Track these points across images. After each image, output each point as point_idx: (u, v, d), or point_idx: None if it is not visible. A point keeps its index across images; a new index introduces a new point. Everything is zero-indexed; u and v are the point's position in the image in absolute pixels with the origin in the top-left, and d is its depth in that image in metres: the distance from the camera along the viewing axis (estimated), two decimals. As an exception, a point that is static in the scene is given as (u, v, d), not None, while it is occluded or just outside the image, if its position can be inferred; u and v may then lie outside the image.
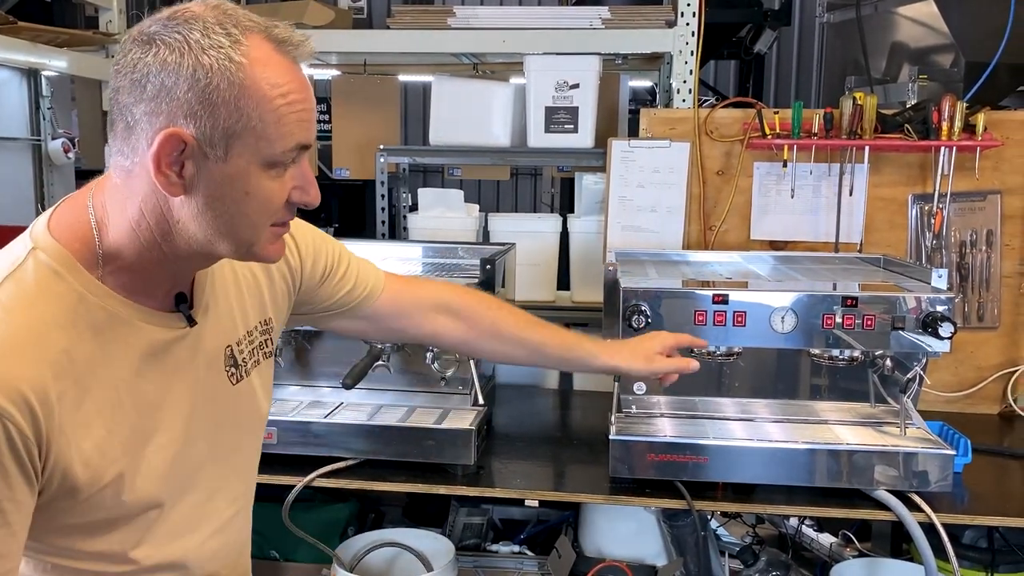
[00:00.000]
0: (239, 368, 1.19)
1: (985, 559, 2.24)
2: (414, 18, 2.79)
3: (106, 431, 1.01)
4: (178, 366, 1.10)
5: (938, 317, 1.83)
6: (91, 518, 1.03)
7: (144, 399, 1.06)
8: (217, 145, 0.96)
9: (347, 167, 3.55)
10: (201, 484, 1.15)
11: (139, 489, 1.05)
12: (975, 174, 2.44)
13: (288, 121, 0.98)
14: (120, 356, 1.03)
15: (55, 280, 0.99)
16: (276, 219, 1.05)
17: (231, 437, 1.20)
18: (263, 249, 1.06)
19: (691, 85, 2.64)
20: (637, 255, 2.42)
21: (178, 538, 1.12)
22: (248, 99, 0.96)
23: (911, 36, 3.05)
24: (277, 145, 0.98)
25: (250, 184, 0.99)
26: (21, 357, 0.93)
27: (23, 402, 0.92)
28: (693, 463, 1.91)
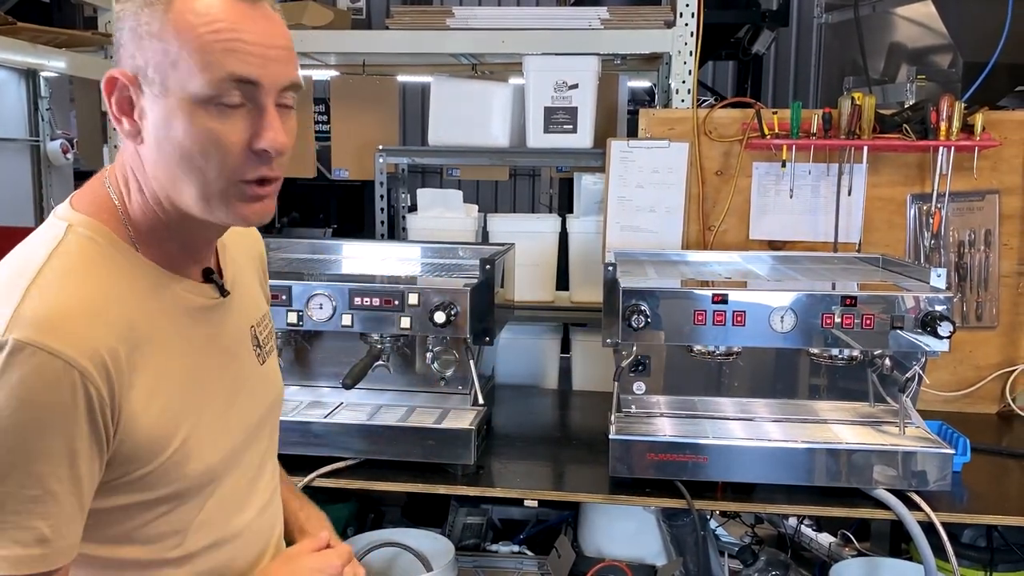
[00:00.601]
0: (261, 348, 1.20)
1: (984, 558, 2.24)
2: (413, 18, 2.80)
3: (167, 397, 1.00)
4: (215, 335, 1.10)
5: (937, 316, 1.83)
6: (156, 494, 1.00)
7: (196, 366, 1.05)
8: (152, 81, 0.95)
9: (346, 168, 3.55)
10: (247, 461, 1.14)
11: (202, 459, 1.04)
12: (973, 174, 2.45)
13: (214, 50, 0.93)
14: (167, 322, 1.03)
15: (98, 251, 0.99)
16: (238, 172, 0.97)
17: (267, 416, 1.21)
18: (232, 209, 0.99)
19: (690, 85, 2.64)
20: (636, 255, 2.43)
21: (231, 517, 1.11)
22: (172, 30, 0.94)
23: (909, 36, 3.06)
24: (204, 75, 0.93)
25: (189, 121, 0.94)
26: (92, 320, 0.93)
27: (100, 363, 0.91)
28: (693, 463, 1.91)
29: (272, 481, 1.24)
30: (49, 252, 0.96)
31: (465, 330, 2.01)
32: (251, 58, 0.95)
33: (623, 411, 2.09)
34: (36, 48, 2.81)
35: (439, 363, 2.15)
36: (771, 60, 7.14)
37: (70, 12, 4.51)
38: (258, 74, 0.96)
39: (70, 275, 0.95)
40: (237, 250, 1.21)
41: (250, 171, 0.98)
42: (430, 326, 1.97)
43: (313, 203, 5.95)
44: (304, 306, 2.00)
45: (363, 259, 2.58)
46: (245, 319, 1.18)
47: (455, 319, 1.97)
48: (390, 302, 2.00)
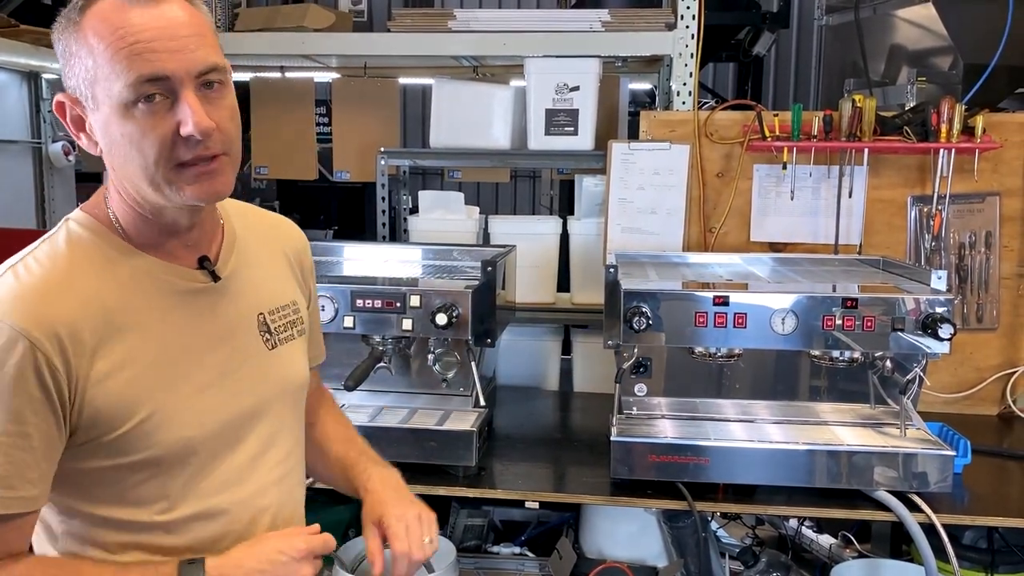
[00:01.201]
0: (272, 335, 1.25)
1: (985, 560, 2.24)
2: (414, 21, 2.80)
3: (136, 370, 1.09)
4: (206, 318, 1.17)
5: (937, 318, 1.83)
6: (130, 458, 1.09)
7: (173, 343, 1.13)
8: (87, 97, 1.05)
9: (347, 170, 3.55)
10: (248, 441, 1.20)
11: (177, 431, 1.11)
12: (974, 176, 2.45)
13: (121, 57, 1.01)
14: (146, 303, 1.12)
15: (84, 239, 1.12)
16: (173, 157, 1.05)
17: (276, 399, 1.25)
18: (180, 190, 1.07)
19: (691, 87, 2.64)
20: (637, 257, 2.43)
21: (224, 491, 1.17)
22: (85, 49, 1.03)
23: (909, 38, 3.06)
24: (120, 81, 1.01)
25: (120, 125, 1.04)
26: (56, 297, 1.05)
27: (55, 336, 1.02)
28: (694, 464, 1.92)
29: (284, 463, 1.27)
30: (40, 243, 1.12)
31: (467, 332, 2.01)
32: (154, 55, 1.02)
33: (624, 413, 2.10)
34: (38, 50, 2.81)
35: (440, 365, 2.16)
36: (771, 62, 7.15)
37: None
38: (165, 69, 1.03)
39: (49, 260, 1.09)
40: (257, 242, 1.29)
41: (184, 154, 1.05)
42: (432, 328, 1.97)
43: (314, 205, 5.96)
44: (306, 308, 2.01)
45: (364, 261, 2.58)
46: (249, 305, 1.23)
47: (457, 321, 1.98)
48: (392, 304, 2.01)
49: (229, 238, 1.24)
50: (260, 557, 1.14)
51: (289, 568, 1.15)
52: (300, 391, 1.33)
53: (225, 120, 1.08)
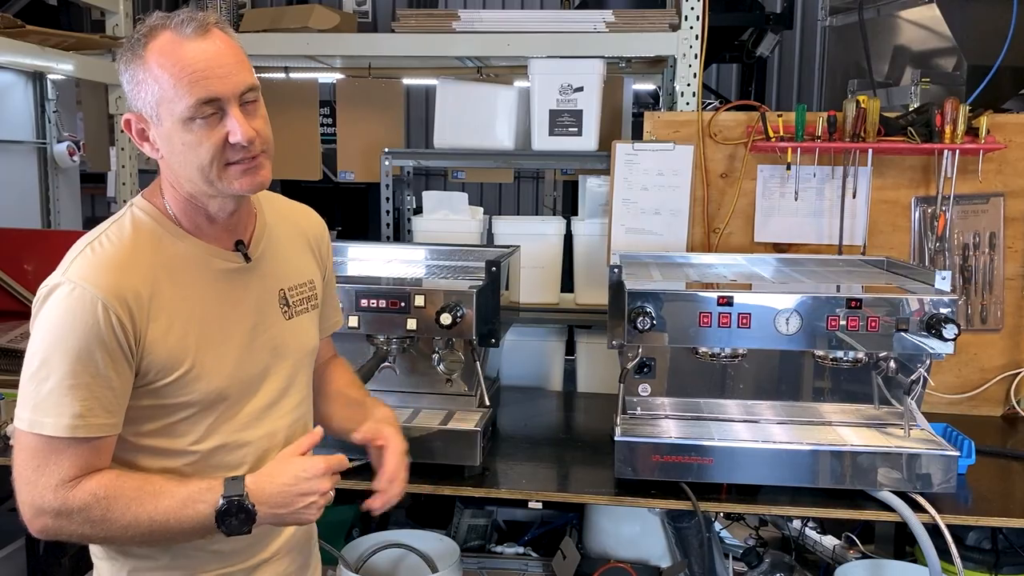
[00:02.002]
0: (290, 308, 1.51)
1: (989, 560, 2.24)
2: (419, 22, 2.81)
3: (183, 331, 1.35)
4: (239, 291, 1.43)
5: (942, 319, 1.83)
6: (175, 399, 1.35)
7: (212, 311, 1.39)
8: (151, 116, 1.31)
9: (351, 170, 3.56)
10: (263, 393, 1.45)
11: (212, 381, 1.37)
12: (978, 177, 2.45)
13: (183, 84, 1.27)
14: (193, 278, 1.38)
15: (145, 223, 1.37)
16: (223, 158, 1.31)
17: (287, 360, 1.50)
18: (230, 184, 1.33)
19: (695, 88, 2.65)
20: (641, 257, 2.43)
21: (243, 430, 1.43)
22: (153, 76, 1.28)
23: (913, 39, 3.07)
24: (180, 104, 1.28)
25: (181, 138, 1.30)
26: (124, 270, 1.31)
27: (124, 301, 1.28)
28: (698, 464, 1.92)
29: (294, 411, 1.51)
30: (112, 223, 1.37)
31: (471, 332, 2.02)
32: (208, 82, 1.28)
33: (628, 413, 2.10)
34: (44, 51, 2.82)
35: (445, 365, 2.16)
36: (775, 63, 7.15)
37: (78, 15, 4.53)
38: (216, 92, 1.29)
39: (118, 240, 1.34)
40: (284, 228, 1.54)
41: (232, 156, 1.32)
42: (436, 328, 1.98)
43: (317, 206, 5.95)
44: (311, 308, 2.01)
45: (369, 261, 2.59)
46: (274, 282, 1.49)
47: (461, 321, 1.98)
48: (396, 304, 2.01)
49: (260, 225, 1.49)
50: (288, 472, 1.38)
51: (312, 483, 1.37)
52: (310, 355, 1.57)
53: (261, 126, 1.35)
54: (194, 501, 1.31)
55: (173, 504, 1.31)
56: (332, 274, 1.69)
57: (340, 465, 1.43)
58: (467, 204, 3.00)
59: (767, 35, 4.59)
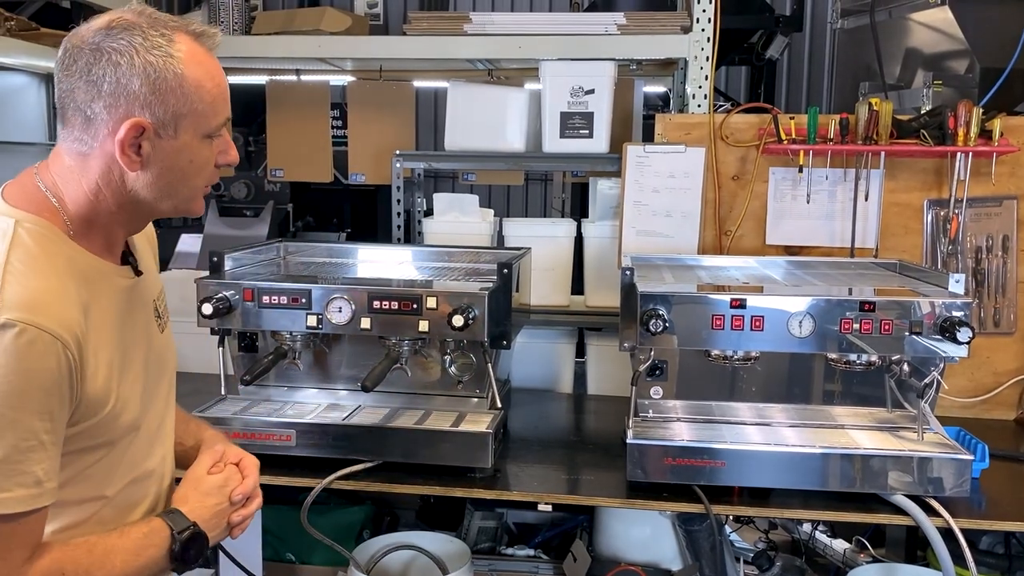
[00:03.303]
0: (161, 318, 1.43)
1: (1002, 565, 2.24)
2: (430, 24, 2.81)
3: (107, 363, 1.23)
4: (135, 310, 1.34)
5: (956, 322, 1.83)
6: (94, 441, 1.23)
7: (123, 337, 1.28)
8: (168, 126, 1.20)
9: (362, 172, 3.56)
10: (154, 413, 1.37)
11: (128, 412, 1.27)
12: (991, 180, 2.44)
13: (219, 101, 1.24)
14: (105, 301, 1.25)
15: (50, 243, 1.20)
16: (208, 180, 1.30)
17: (167, 376, 1.44)
18: (197, 203, 1.30)
19: (706, 90, 2.64)
20: (652, 260, 2.43)
21: (145, 459, 1.35)
22: (189, 86, 1.20)
23: (925, 42, 3.05)
24: (213, 120, 1.24)
25: (193, 154, 1.24)
26: (63, 301, 1.15)
27: (74, 336, 1.14)
28: (710, 467, 1.91)
29: (171, 432, 1.46)
30: (8, 245, 1.15)
31: (482, 334, 2.02)
32: (228, 104, 1.27)
33: (640, 415, 2.10)
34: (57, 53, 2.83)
35: (456, 367, 2.16)
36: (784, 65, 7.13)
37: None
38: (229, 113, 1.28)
39: (33, 263, 1.15)
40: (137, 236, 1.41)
41: (214, 179, 1.31)
42: (448, 330, 1.98)
43: (327, 208, 5.97)
44: (323, 309, 2.02)
45: (380, 263, 2.59)
46: (148, 294, 1.40)
47: (473, 323, 1.98)
48: (408, 306, 2.01)
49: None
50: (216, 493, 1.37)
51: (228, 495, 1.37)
52: (176, 366, 1.50)
53: None
54: (145, 547, 1.25)
55: (128, 558, 1.23)
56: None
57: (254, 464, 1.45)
58: (478, 206, 3.00)
59: (777, 37, 4.57)
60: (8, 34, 2.61)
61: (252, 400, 2.19)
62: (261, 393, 2.22)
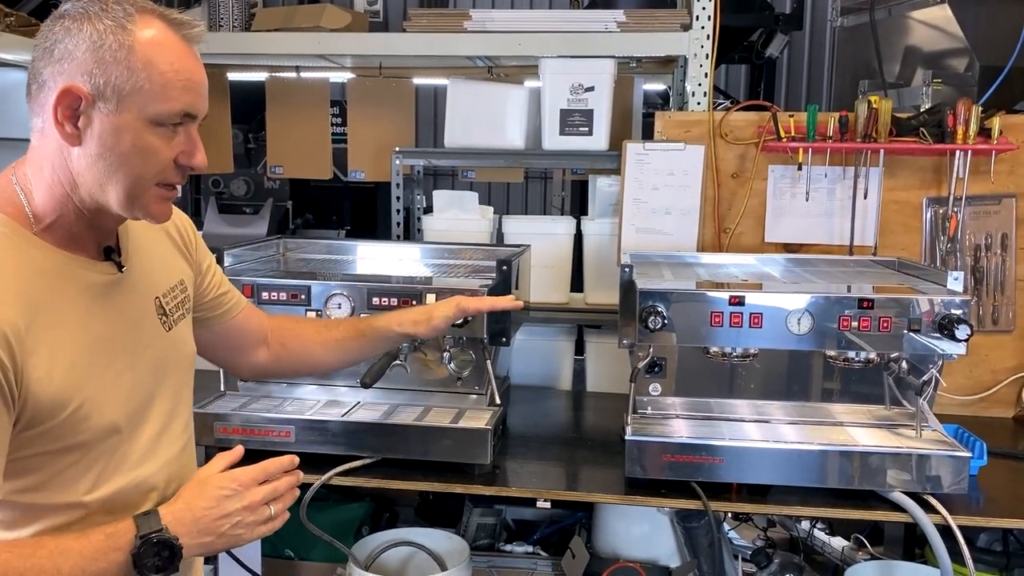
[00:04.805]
0: (168, 317, 1.37)
1: (1000, 562, 2.24)
2: (430, 21, 2.81)
3: (69, 363, 1.16)
4: (119, 307, 1.27)
5: (954, 319, 1.83)
6: (62, 443, 1.17)
7: (96, 335, 1.21)
8: (109, 100, 1.13)
9: (362, 169, 3.57)
10: (152, 419, 1.31)
11: (104, 416, 1.20)
12: (990, 178, 2.44)
13: (174, 88, 1.15)
14: (68, 299, 1.19)
15: (3, 239, 1.15)
16: (161, 178, 1.19)
17: (173, 378, 1.37)
18: (149, 205, 1.20)
19: (706, 88, 2.65)
20: (651, 257, 2.43)
21: (138, 467, 1.27)
22: (139, 61, 1.13)
23: (925, 40, 3.06)
24: (163, 106, 1.14)
25: (136, 137, 1.14)
26: None
27: (3, 337, 1.08)
28: (708, 464, 1.92)
29: (182, 436, 1.39)
30: None
31: (482, 331, 2.02)
32: (195, 95, 1.18)
33: (639, 412, 2.10)
34: (57, 49, 2.83)
35: (456, 363, 2.17)
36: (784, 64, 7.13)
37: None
38: (197, 108, 1.19)
39: None
40: (143, 229, 1.36)
41: (171, 178, 1.20)
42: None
43: (326, 205, 5.97)
44: (323, 306, 2.02)
45: (380, 260, 2.59)
46: (147, 291, 1.33)
47: (472, 320, 1.98)
48: (408, 302, 2.02)
49: (123, 230, 1.31)
50: (206, 496, 1.23)
51: (234, 501, 1.23)
52: (192, 367, 1.46)
53: None
54: (105, 551, 1.13)
55: (80, 562, 1.11)
56: (214, 263, 1.56)
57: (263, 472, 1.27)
58: (477, 203, 3.00)
59: (776, 36, 4.57)
60: (8, 30, 2.61)
61: (251, 396, 2.20)
62: (260, 389, 2.22)
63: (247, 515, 1.23)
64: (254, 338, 1.69)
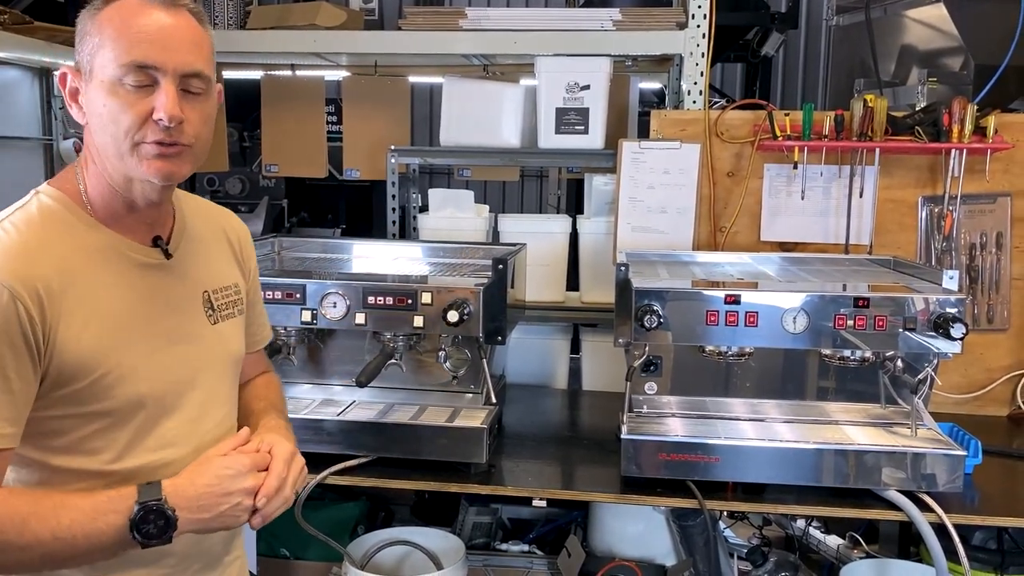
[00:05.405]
0: (215, 312, 1.40)
1: (995, 560, 2.24)
2: (426, 20, 2.81)
3: (100, 330, 1.22)
4: (158, 290, 1.31)
5: (950, 318, 1.83)
6: (88, 408, 1.22)
7: (132, 311, 1.27)
8: (85, 71, 1.21)
9: (357, 168, 3.56)
10: (188, 405, 1.34)
11: (130, 384, 1.25)
12: (985, 176, 2.45)
13: (123, 42, 1.18)
14: (108, 272, 1.26)
15: (55, 210, 1.25)
16: (139, 137, 1.20)
17: (214, 370, 1.40)
18: (139, 165, 1.22)
19: (701, 87, 2.65)
20: (647, 256, 2.43)
21: (168, 447, 1.30)
22: (97, 27, 1.20)
23: (920, 39, 3.06)
24: (116, 62, 1.18)
25: (105, 98, 1.19)
26: (34, 258, 1.19)
27: (34, 291, 1.16)
28: (704, 463, 1.92)
29: (220, 426, 1.40)
30: (15, 210, 1.25)
31: (477, 329, 2.02)
32: (149, 47, 1.19)
33: (634, 411, 2.10)
34: (52, 47, 2.82)
35: (451, 362, 2.16)
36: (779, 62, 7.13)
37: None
38: (154, 60, 1.19)
39: (24, 227, 1.22)
40: (205, 228, 1.44)
41: (149, 134, 1.20)
42: (443, 325, 1.98)
43: (321, 203, 5.96)
44: (318, 304, 2.02)
45: (375, 259, 2.59)
46: (196, 283, 1.38)
47: (468, 319, 1.98)
48: (403, 301, 2.01)
49: (180, 224, 1.38)
50: (209, 474, 1.24)
51: (235, 482, 1.24)
52: (236, 364, 1.46)
53: (196, 119, 1.24)
54: (104, 512, 1.15)
55: (80, 517, 1.14)
56: (257, 282, 1.58)
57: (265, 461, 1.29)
58: (473, 202, 3.00)
59: (772, 34, 4.57)
60: (1, 28, 2.60)
61: (247, 395, 2.19)
62: (256, 388, 2.21)
63: (246, 499, 1.25)
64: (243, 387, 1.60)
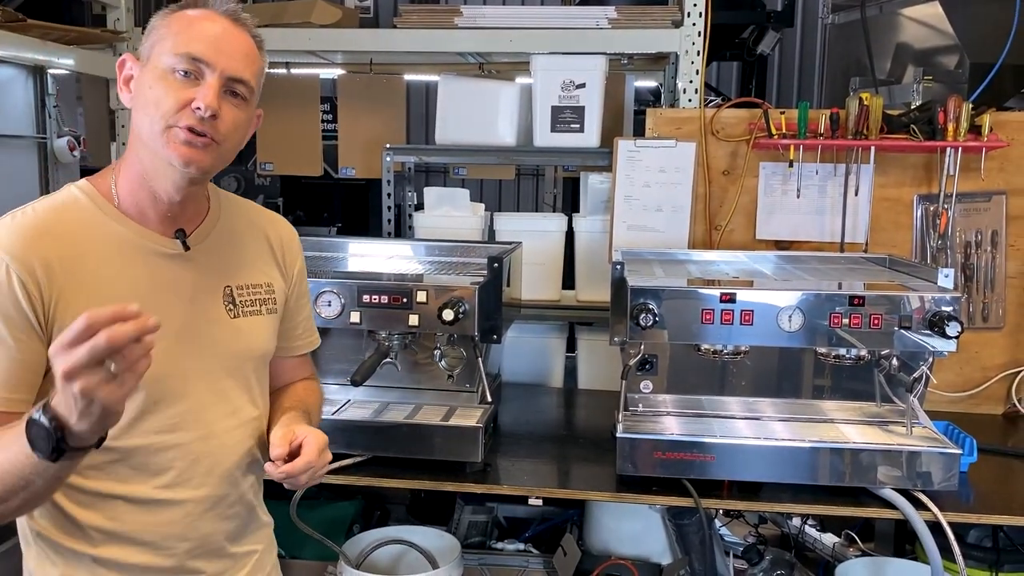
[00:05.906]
0: (236, 307, 1.43)
1: (990, 558, 2.24)
2: (421, 18, 2.80)
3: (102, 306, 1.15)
4: (175, 280, 1.36)
5: (945, 316, 1.83)
6: None
7: (140, 294, 1.29)
8: (143, 58, 1.31)
9: (352, 166, 3.55)
10: (195, 393, 1.37)
11: None
12: (980, 175, 2.45)
13: (182, 35, 1.28)
14: (124, 259, 1.32)
15: (79, 200, 1.34)
16: (173, 121, 1.27)
17: (228, 362, 1.42)
18: (167, 145, 1.28)
19: (697, 85, 2.64)
20: (643, 254, 2.43)
21: (172, 431, 1.34)
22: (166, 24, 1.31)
23: (916, 37, 3.06)
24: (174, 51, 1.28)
25: (154, 81, 1.28)
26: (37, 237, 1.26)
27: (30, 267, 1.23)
28: (700, 461, 1.92)
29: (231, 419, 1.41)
30: (46, 198, 1.34)
31: (473, 328, 2.02)
32: (204, 45, 1.28)
33: (630, 410, 2.10)
34: (45, 45, 2.81)
35: (447, 361, 2.16)
36: (775, 61, 7.14)
37: (79, 9, 4.52)
38: (208, 56, 1.28)
39: (44, 211, 1.31)
40: (243, 227, 1.47)
41: (183, 119, 1.27)
42: (438, 324, 1.98)
43: (317, 202, 5.95)
44: (313, 303, 2.01)
45: (371, 257, 2.58)
46: (219, 276, 1.42)
47: (463, 317, 1.98)
48: (399, 300, 2.01)
49: (212, 219, 1.43)
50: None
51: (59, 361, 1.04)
52: (256, 360, 1.47)
53: (230, 120, 1.30)
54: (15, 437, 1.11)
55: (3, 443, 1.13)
56: (305, 289, 1.58)
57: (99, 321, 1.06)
58: (469, 200, 2.99)
59: (768, 33, 4.57)
60: (-7, 25, 2.59)
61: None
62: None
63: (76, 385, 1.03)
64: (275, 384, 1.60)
